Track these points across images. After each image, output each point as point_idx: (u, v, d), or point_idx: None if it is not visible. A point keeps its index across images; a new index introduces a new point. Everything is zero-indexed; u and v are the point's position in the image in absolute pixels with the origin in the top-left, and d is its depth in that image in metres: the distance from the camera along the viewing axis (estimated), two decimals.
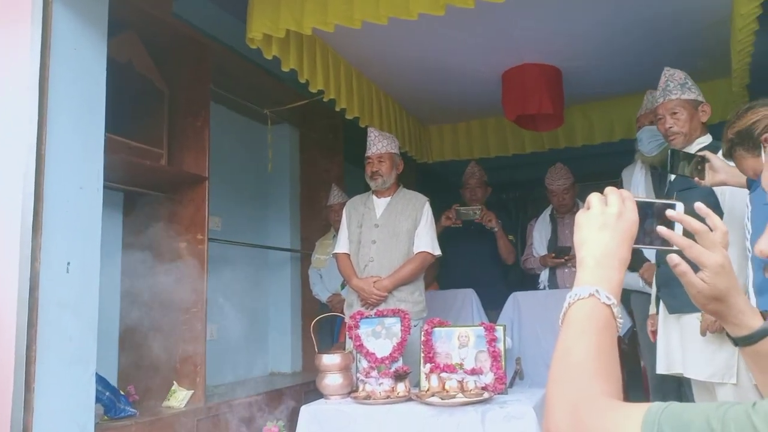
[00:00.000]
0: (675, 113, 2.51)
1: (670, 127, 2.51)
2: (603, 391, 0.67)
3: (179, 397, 2.87)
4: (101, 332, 2.34)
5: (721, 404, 0.57)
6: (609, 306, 0.75)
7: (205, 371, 2.96)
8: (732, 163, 2.04)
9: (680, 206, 0.87)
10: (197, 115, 3.16)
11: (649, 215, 0.86)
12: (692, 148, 2.50)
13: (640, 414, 0.59)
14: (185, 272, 3.06)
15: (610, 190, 0.86)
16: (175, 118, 3.16)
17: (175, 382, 2.94)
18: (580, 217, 0.86)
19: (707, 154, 2.17)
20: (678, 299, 2.39)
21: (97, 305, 2.28)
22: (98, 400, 2.46)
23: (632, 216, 0.83)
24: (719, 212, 2.43)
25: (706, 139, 2.53)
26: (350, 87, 3.59)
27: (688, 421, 0.56)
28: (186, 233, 3.08)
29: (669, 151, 2.27)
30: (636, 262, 3.18)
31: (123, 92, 2.78)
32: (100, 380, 2.52)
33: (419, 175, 5.60)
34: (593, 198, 0.86)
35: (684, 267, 0.84)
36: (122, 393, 2.69)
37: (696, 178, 2.17)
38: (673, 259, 0.84)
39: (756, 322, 0.85)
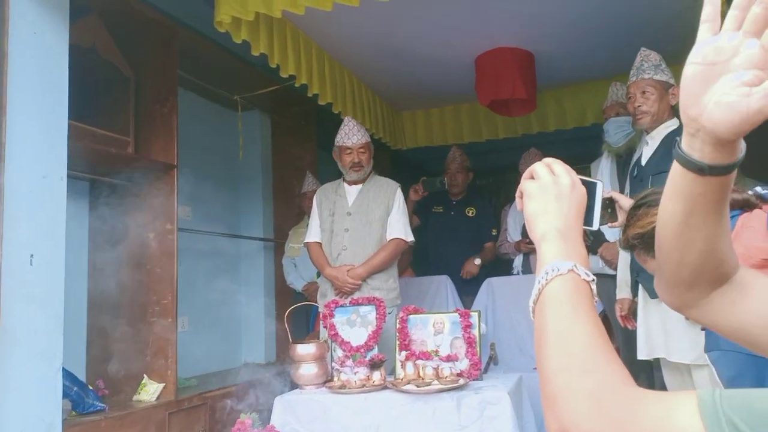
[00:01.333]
0: (645, 92, 2.53)
1: (639, 106, 2.53)
2: (622, 379, 0.60)
3: (150, 391, 2.82)
4: (68, 326, 2.28)
5: None
6: (588, 282, 0.69)
7: (176, 363, 2.90)
8: None
9: (600, 185, 0.85)
10: (165, 101, 3.07)
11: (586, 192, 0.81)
12: (659, 131, 2.53)
13: (690, 404, 0.52)
14: (155, 263, 3.00)
15: (552, 160, 0.80)
16: (142, 105, 3.07)
17: (145, 375, 2.88)
18: (529, 186, 0.78)
19: (612, 193, 2.14)
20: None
21: (62, 298, 2.22)
22: (66, 395, 2.40)
23: (582, 188, 0.78)
24: None
25: (674, 122, 2.55)
26: (322, 72, 3.54)
27: (763, 411, 0.49)
28: (155, 223, 3.01)
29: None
30: (594, 243, 3.20)
31: (87, 78, 2.69)
32: (68, 375, 2.46)
33: (393, 162, 5.57)
34: (539, 167, 0.79)
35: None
36: (91, 387, 2.63)
37: (609, 223, 2.14)
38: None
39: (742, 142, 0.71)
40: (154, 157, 3.02)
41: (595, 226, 0.84)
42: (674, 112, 2.57)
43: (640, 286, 2.48)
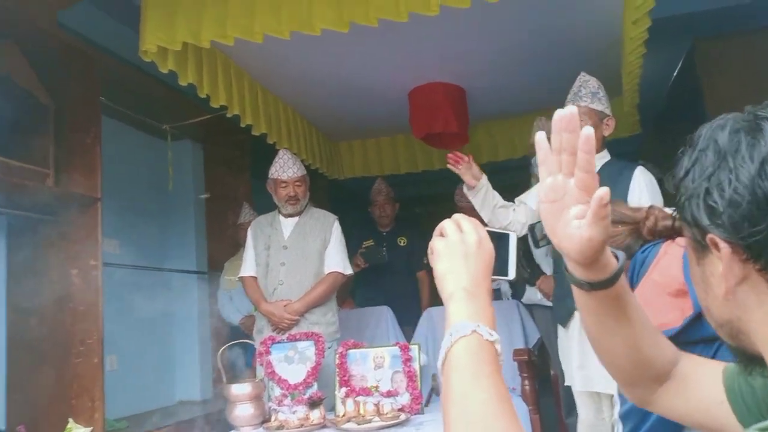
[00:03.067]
0: (581, 121, 2.53)
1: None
2: None
3: None
4: None
5: None
6: (492, 343, 0.70)
7: (103, 405, 2.74)
8: None
9: (513, 235, 0.87)
10: (87, 131, 2.94)
11: (498, 244, 0.83)
12: None
13: None
14: (79, 300, 2.83)
15: (461, 216, 0.82)
16: (62, 135, 2.92)
17: (70, 419, 2.70)
18: (438, 245, 0.80)
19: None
20: None
21: None
22: None
23: (489, 244, 0.79)
24: None
25: (605, 155, 2.49)
26: (255, 102, 3.48)
27: None
28: (78, 259, 2.85)
29: (528, 227, 2.31)
30: (532, 275, 3.26)
31: (2, 107, 2.55)
32: None
33: (330, 191, 5.54)
34: (447, 225, 0.81)
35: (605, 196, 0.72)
36: None
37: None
38: (607, 194, 0.70)
39: (613, 261, 0.79)
40: (75, 190, 2.86)
41: (511, 276, 0.86)
42: (605, 144, 2.53)
43: (576, 315, 2.46)
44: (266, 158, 3.36)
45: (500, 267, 0.84)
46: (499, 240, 0.84)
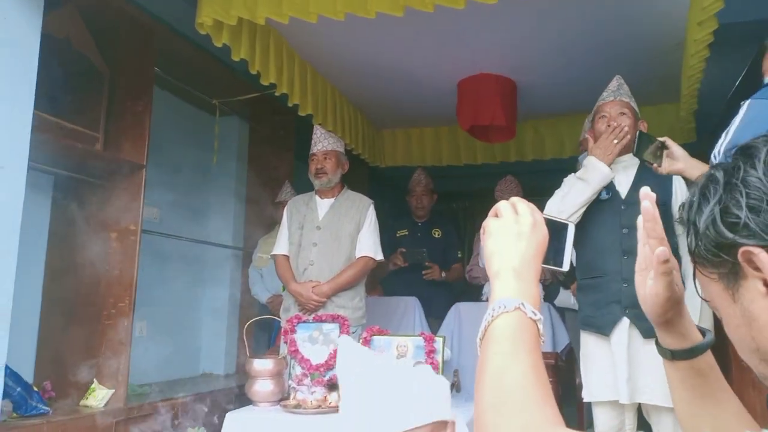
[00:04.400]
0: (624, 113, 2.41)
1: (621, 124, 2.37)
2: (549, 419, 0.61)
3: (98, 396, 2.71)
4: (20, 324, 2.18)
5: None
6: (535, 321, 0.70)
7: (128, 369, 2.80)
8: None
9: (571, 226, 0.87)
10: (138, 99, 3.00)
11: (554, 233, 0.83)
12: (631, 159, 2.40)
13: None
14: (114, 264, 2.90)
15: (518, 199, 0.82)
16: (114, 102, 3.00)
17: (95, 379, 2.77)
18: (492, 224, 0.80)
19: (667, 140, 2.11)
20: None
21: (11, 294, 2.11)
22: (8, 395, 2.29)
23: (545, 228, 0.79)
24: (669, 219, 2.40)
25: (629, 157, 2.40)
26: (304, 83, 3.49)
27: None
28: (118, 223, 2.92)
29: (638, 132, 2.21)
30: (567, 278, 3.17)
31: (59, 70, 2.61)
32: (12, 375, 2.35)
33: (372, 179, 5.53)
34: (503, 205, 0.81)
35: (674, 263, 0.80)
36: (36, 389, 2.51)
37: (654, 164, 2.11)
38: (665, 253, 0.78)
39: (697, 335, 0.82)
40: (122, 156, 2.93)
41: (565, 268, 0.85)
42: None
43: (628, 322, 2.30)
44: (311, 140, 3.38)
45: (555, 257, 0.83)
46: (556, 229, 0.83)
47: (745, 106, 1.72)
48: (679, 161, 2.07)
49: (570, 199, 2.35)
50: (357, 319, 2.96)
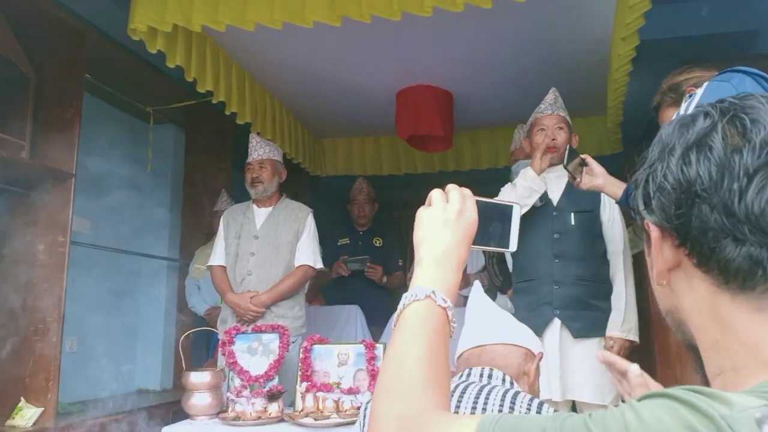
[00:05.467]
0: (561, 128, 2.55)
1: (554, 139, 2.51)
2: (434, 403, 0.63)
3: (26, 416, 2.58)
4: None
5: (559, 415, 0.53)
6: (445, 309, 0.72)
7: (58, 387, 2.67)
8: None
9: (517, 207, 0.87)
10: (68, 106, 2.89)
11: (488, 215, 0.84)
12: (553, 170, 2.55)
13: (472, 426, 0.55)
14: (42, 277, 2.77)
15: (451, 187, 0.83)
16: (42, 108, 2.87)
17: (22, 398, 2.64)
18: (421, 213, 0.82)
19: (587, 157, 2.22)
20: (581, 322, 2.39)
21: None
22: None
23: (472, 214, 0.81)
24: (597, 225, 2.52)
25: (560, 168, 2.51)
26: (242, 91, 3.45)
27: None
28: (46, 234, 2.79)
29: (568, 146, 2.32)
30: (504, 284, 3.25)
31: None
32: None
33: (311, 188, 5.51)
34: (435, 194, 0.82)
35: (645, 375, 0.98)
36: None
37: (576, 180, 2.23)
38: (638, 368, 1.00)
39: None
40: (50, 164, 2.81)
41: (512, 248, 0.86)
42: None
43: (559, 323, 2.40)
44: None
45: (500, 238, 0.85)
46: (500, 211, 0.85)
47: (701, 89, 1.81)
48: (598, 178, 2.20)
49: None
50: (297, 329, 2.94)
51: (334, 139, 4.92)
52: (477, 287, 1.56)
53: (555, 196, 2.56)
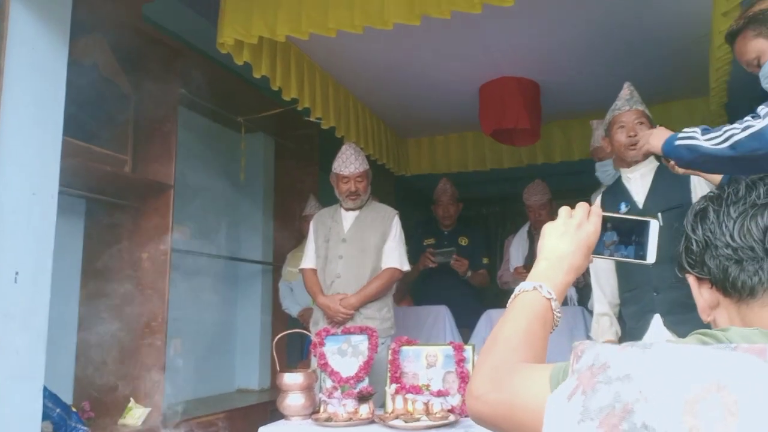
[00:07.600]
0: (641, 123, 2.38)
1: (636, 135, 2.32)
2: (522, 359, 0.77)
3: (135, 415, 2.75)
4: (57, 346, 2.22)
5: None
6: (549, 300, 0.84)
7: (164, 388, 2.83)
8: None
9: (654, 223, 0.94)
10: (165, 120, 3.05)
11: (624, 230, 0.94)
12: (646, 167, 2.40)
13: (548, 368, 0.70)
14: (146, 284, 2.95)
15: (580, 204, 0.94)
16: (141, 124, 3.05)
17: (132, 398, 2.81)
18: (546, 226, 0.94)
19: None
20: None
21: (46, 317, 2.16)
22: (47, 417, 2.33)
23: (591, 228, 0.91)
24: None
25: (651, 159, 2.39)
26: (326, 96, 3.51)
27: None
28: (149, 244, 2.97)
29: None
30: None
31: (87, 95, 2.68)
32: (51, 396, 2.39)
33: (396, 189, 5.53)
34: (562, 210, 0.94)
35: None
36: (75, 410, 2.55)
37: (671, 162, 1.98)
38: None
39: None
40: (150, 177, 2.98)
41: (650, 261, 0.94)
42: None
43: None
44: (334, 152, 3.39)
45: (638, 251, 0.94)
46: (638, 226, 0.94)
47: None
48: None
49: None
50: (385, 330, 2.95)
51: (418, 138, 4.90)
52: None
53: (640, 198, 2.39)
